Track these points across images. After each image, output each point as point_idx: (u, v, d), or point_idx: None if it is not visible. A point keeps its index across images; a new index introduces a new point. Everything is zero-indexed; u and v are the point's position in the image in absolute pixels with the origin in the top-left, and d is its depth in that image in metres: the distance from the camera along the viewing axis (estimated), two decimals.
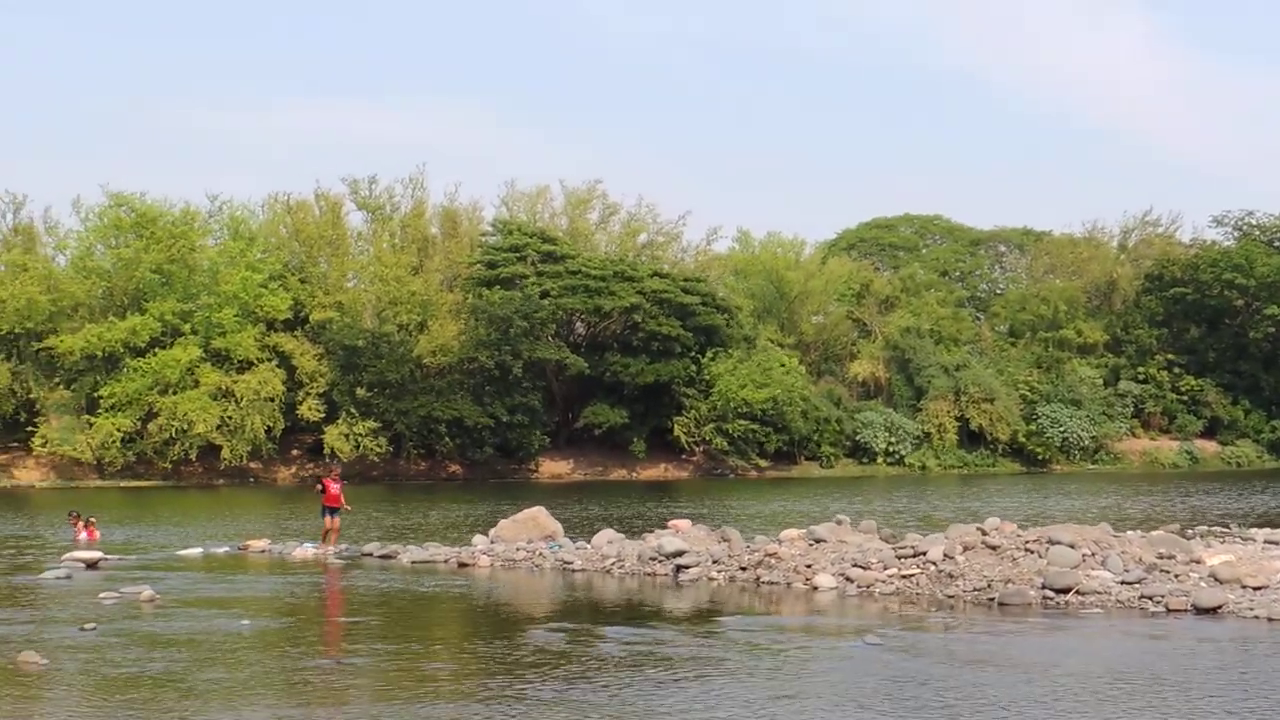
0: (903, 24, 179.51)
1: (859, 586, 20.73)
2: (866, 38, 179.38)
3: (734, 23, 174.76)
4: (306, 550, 28.07)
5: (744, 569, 22.42)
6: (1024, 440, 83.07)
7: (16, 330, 68.65)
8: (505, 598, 21.50)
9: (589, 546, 25.83)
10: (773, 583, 21.59)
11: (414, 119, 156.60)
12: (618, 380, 73.35)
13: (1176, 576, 20.02)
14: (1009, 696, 13.01)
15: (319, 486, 29.92)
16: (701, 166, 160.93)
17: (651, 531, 27.15)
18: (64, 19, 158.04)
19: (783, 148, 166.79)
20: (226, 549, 29.18)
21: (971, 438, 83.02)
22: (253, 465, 70.40)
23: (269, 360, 69.28)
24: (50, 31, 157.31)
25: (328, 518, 28.80)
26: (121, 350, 68.10)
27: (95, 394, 67.77)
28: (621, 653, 15.41)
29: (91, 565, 25.34)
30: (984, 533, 21.85)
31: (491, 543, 27.34)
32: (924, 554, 21.49)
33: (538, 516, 27.79)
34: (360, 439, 68.53)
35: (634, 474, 74.53)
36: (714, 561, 23.02)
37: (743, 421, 73.27)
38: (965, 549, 21.24)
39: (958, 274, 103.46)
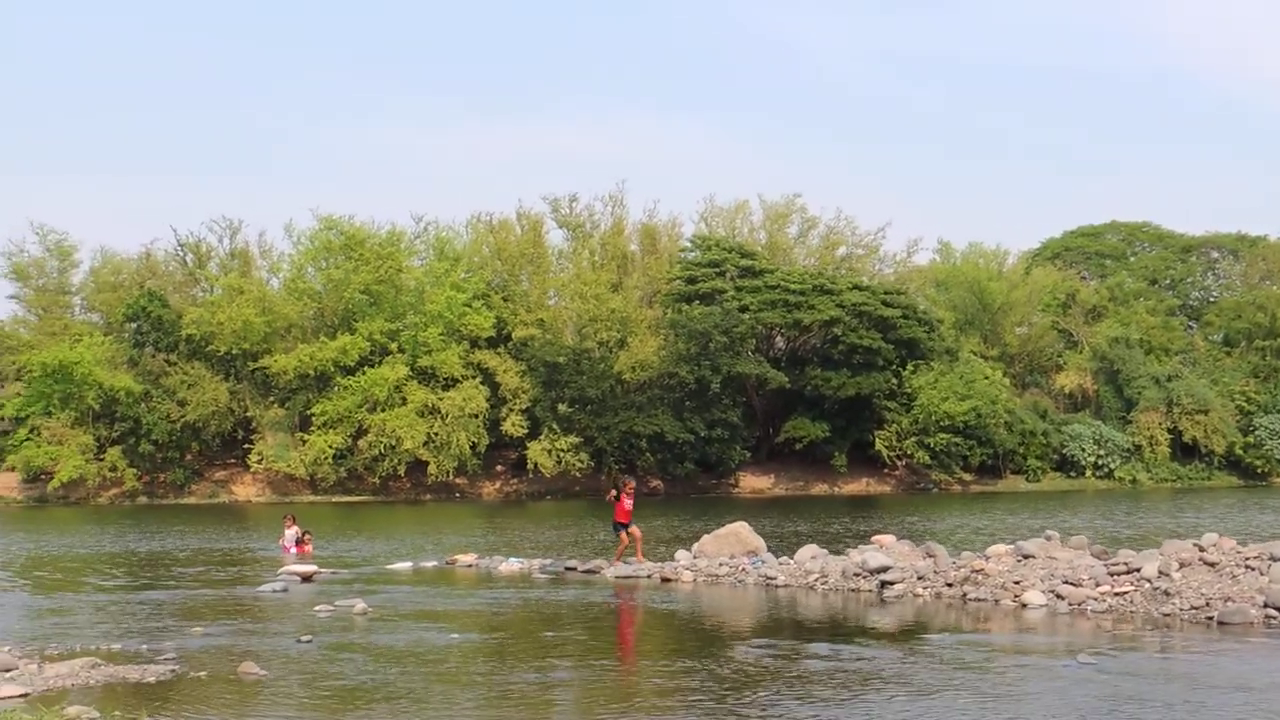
0: (1103, 25, 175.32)
1: (1069, 604, 20.17)
2: (1064, 41, 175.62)
3: (926, 34, 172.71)
4: (512, 565, 28.38)
5: (950, 585, 22.01)
6: (1241, 453, 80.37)
7: (234, 351, 71.05)
8: (708, 613, 21.45)
9: (792, 562, 25.65)
10: (980, 599, 21.15)
11: (614, 136, 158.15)
12: (818, 394, 72.95)
13: None
14: (1230, 718, 12.53)
15: (612, 494, 29.06)
16: (900, 178, 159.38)
17: (855, 547, 26.86)
18: (273, 48, 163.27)
19: (983, 157, 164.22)
20: (435, 563, 29.68)
21: (1185, 450, 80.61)
22: (458, 480, 71.70)
23: (473, 377, 70.54)
24: (258, 59, 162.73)
25: (622, 533, 28.32)
26: (332, 369, 70.01)
27: (308, 412, 69.81)
28: (827, 670, 15.26)
29: (307, 579, 26.02)
30: (1201, 548, 21.09)
31: (694, 558, 27.33)
32: (1138, 570, 20.80)
33: (740, 532, 27.69)
34: (562, 454, 69.37)
35: (835, 488, 73.98)
36: (919, 578, 22.65)
37: (945, 434, 72.28)
38: (1181, 565, 20.53)
39: (1168, 282, 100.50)
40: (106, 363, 70.33)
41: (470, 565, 29.14)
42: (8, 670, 15.07)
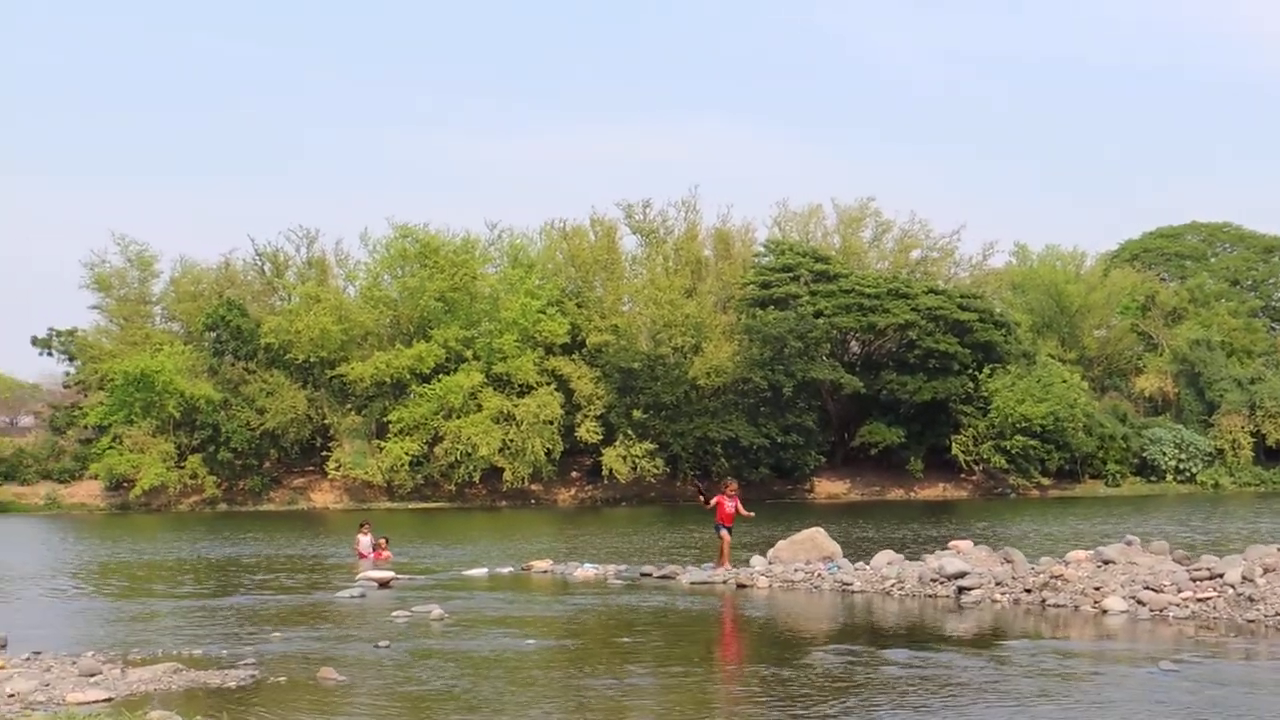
0: (1178, 24, 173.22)
1: (1151, 610, 19.92)
2: (1139, 39, 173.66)
3: (998, 33, 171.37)
4: (588, 570, 28.42)
5: (1028, 591, 21.80)
6: None
7: (311, 359, 71.73)
8: (784, 619, 21.38)
9: (868, 567, 25.51)
10: (1059, 605, 20.92)
11: (688, 141, 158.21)
12: (894, 398, 72.59)
13: None
14: None
15: (710, 504, 28.75)
16: (975, 180, 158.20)
17: (931, 552, 26.68)
18: (346, 59, 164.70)
19: (1060, 159, 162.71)
20: (510, 569, 29.78)
21: (1269, 454, 79.48)
22: (534, 487, 71.94)
23: (548, 384, 70.75)
24: (330, 71, 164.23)
25: (724, 533, 28.09)
26: (408, 376, 70.49)
27: (384, 419, 70.31)
28: (905, 676, 15.16)
29: (384, 585, 26.19)
30: None
31: (769, 563, 27.26)
32: (1220, 576, 20.49)
33: (816, 537, 27.59)
34: (637, 460, 69.43)
35: (911, 494, 73.55)
36: (997, 583, 22.46)
37: (1021, 438, 71.63)
38: (1266, 571, 20.20)
39: (1249, 283, 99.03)
40: (187, 371, 71.19)
41: (546, 571, 29.20)
42: (92, 675, 15.29)
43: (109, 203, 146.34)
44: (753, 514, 30.35)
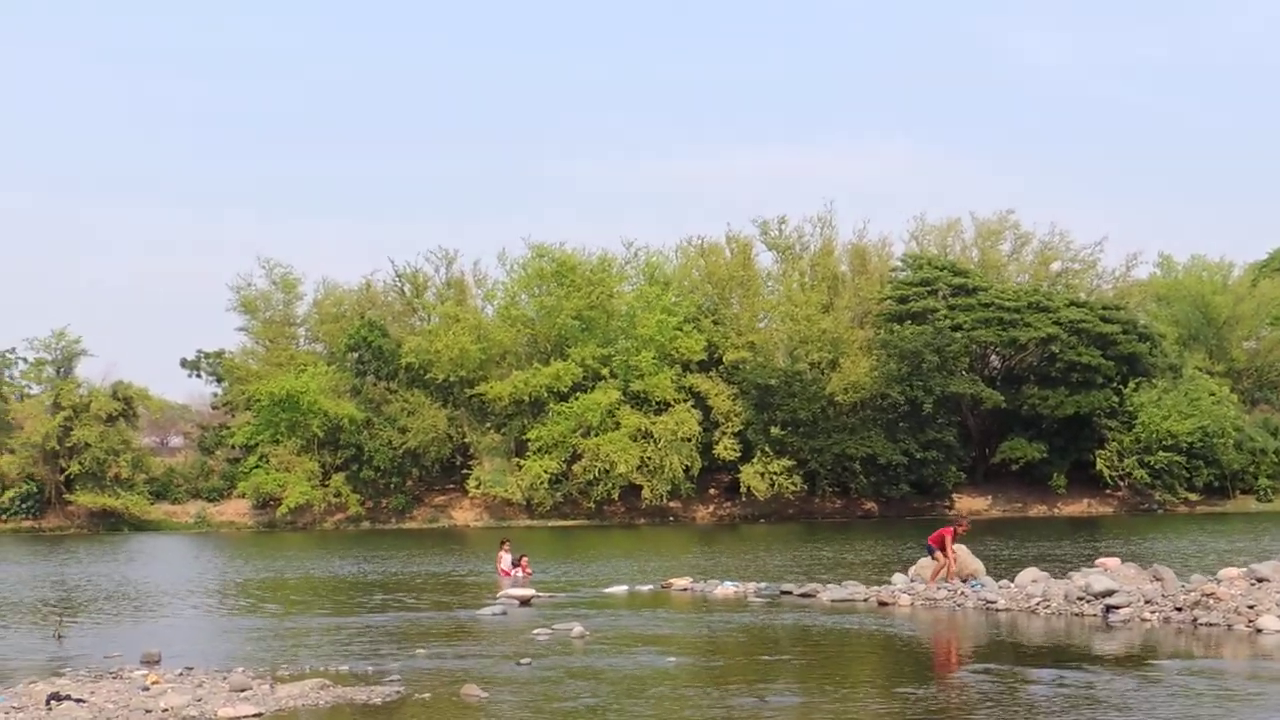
0: None
1: None
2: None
3: (1137, 40, 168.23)
4: (728, 588, 28.34)
5: (1179, 610, 21.28)
6: None
7: (451, 378, 72.59)
8: (927, 637, 21.13)
9: (1012, 585, 25.13)
10: (1211, 624, 20.39)
11: (823, 156, 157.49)
12: (1035, 413, 71.47)
13: None
14: None
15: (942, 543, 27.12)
16: (1117, 190, 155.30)
17: (1077, 570, 26.20)
18: (480, 84, 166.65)
19: (1204, 167, 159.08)
20: (650, 587, 29.80)
21: None
22: (672, 504, 71.97)
23: (685, 401, 70.79)
24: (469, 91, 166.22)
25: (939, 554, 27.05)
26: (546, 395, 70.97)
27: (523, 437, 70.85)
28: (1052, 696, 14.88)
29: (525, 602, 26.37)
30: None
31: (911, 581, 26.99)
32: None
33: (958, 554, 27.23)
34: (775, 477, 69.18)
35: (1054, 510, 72.33)
36: (1146, 601, 21.96)
37: (1167, 454, 70.03)
38: None
39: None
40: (330, 391, 72.45)
41: (685, 589, 29.18)
42: (242, 690, 15.58)
43: (254, 226, 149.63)
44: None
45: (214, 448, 78.33)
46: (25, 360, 76.10)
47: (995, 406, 71.68)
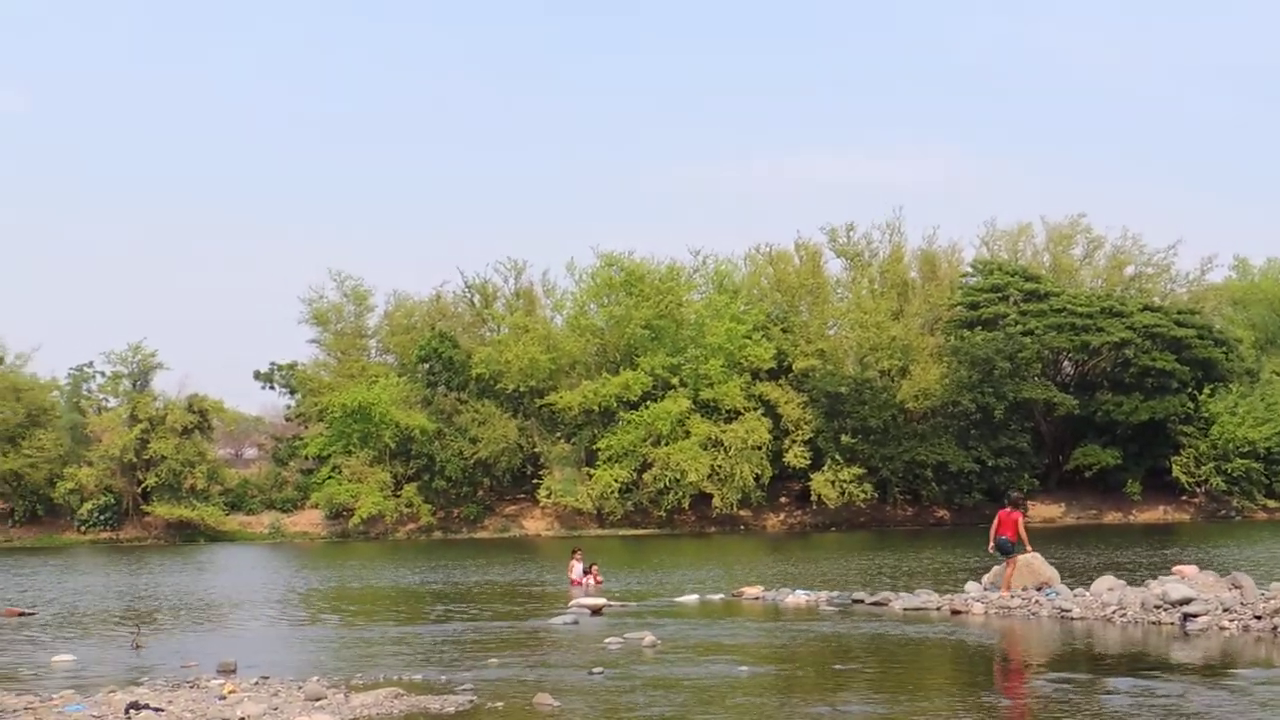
0: None
1: None
2: None
3: (1205, 39, 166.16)
4: (799, 597, 28.26)
5: (1259, 618, 20.97)
6: None
7: (521, 388, 72.86)
8: (1002, 646, 20.97)
9: (1087, 593, 24.89)
10: None
11: (891, 162, 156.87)
12: (1109, 419, 70.72)
13: None
14: None
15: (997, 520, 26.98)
16: (1189, 193, 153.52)
17: (1154, 577, 25.92)
18: (548, 91, 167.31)
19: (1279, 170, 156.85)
20: (721, 596, 29.77)
21: None
22: (742, 513, 71.83)
23: (755, 409, 70.68)
24: (539, 100, 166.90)
25: (1007, 559, 26.63)
26: (616, 404, 71.06)
27: (593, 447, 70.96)
28: (1130, 706, 14.72)
29: (596, 611, 26.41)
30: None
31: (985, 590, 26.80)
32: None
33: (1032, 562, 26.98)
34: (846, 485, 68.89)
35: (1129, 517, 71.53)
36: (1224, 610, 21.67)
37: (1243, 460, 69.06)
38: None
39: None
40: (402, 402, 72.91)
41: (757, 598, 29.13)
42: (318, 699, 15.72)
43: (325, 239, 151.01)
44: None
45: (287, 459, 79.03)
46: (103, 374, 77.12)
47: (1069, 413, 71.03)
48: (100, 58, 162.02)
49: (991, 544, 26.89)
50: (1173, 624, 21.75)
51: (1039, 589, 25.91)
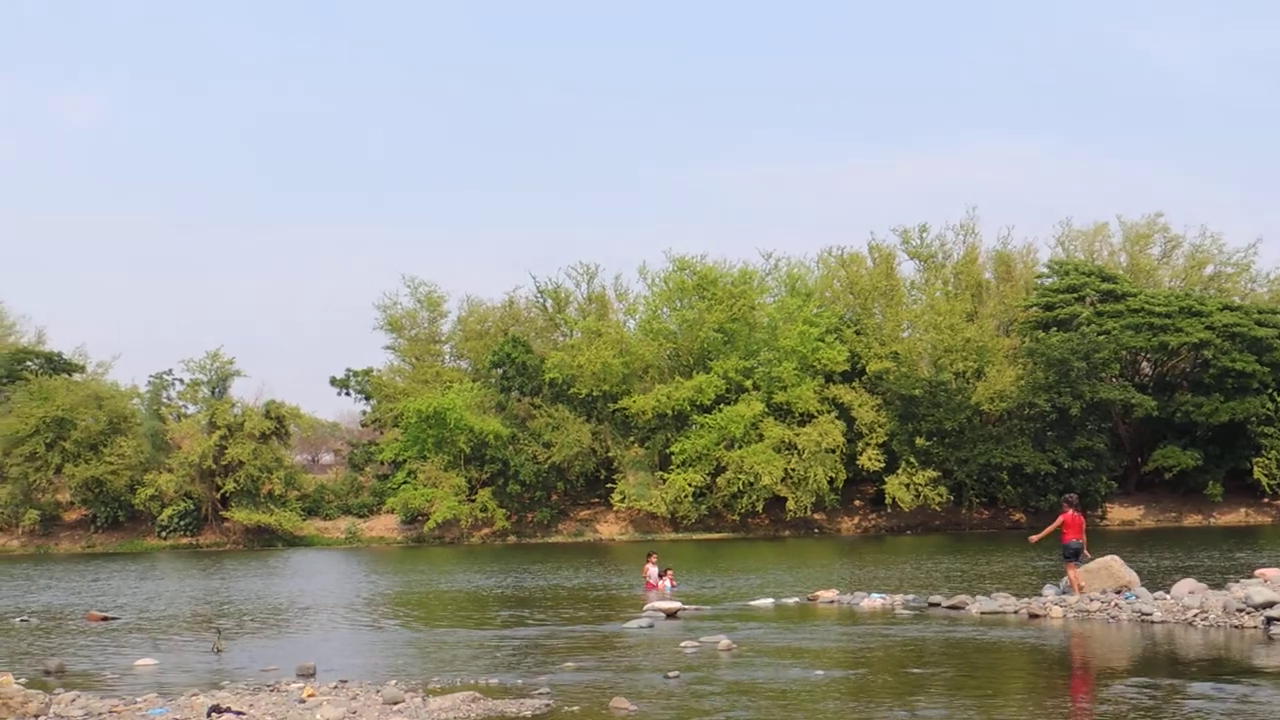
0: None
1: None
2: None
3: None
4: (875, 601, 28.12)
5: None
6: None
7: (594, 393, 73.02)
8: (1081, 650, 20.76)
9: (1168, 597, 24.60)
10: None
11: (964, 163, 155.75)
12: (1189, 420, 69.84)
13: None
14: None
15: (1059, 522, 26.91)
16: (1271, 192, 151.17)
17: (1236, 581, 25.57)
18: (622, 94, 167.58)
19: None
20: (796, 599, 29.68)
21: None
22: (816, 516, 71.63)
23: (828, 412, 70.47)
24: (609, 106, 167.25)
25: (1071, 564, 26.55)
26: (689, 408, 71.07)
27: (667, 450, 71.01)
28: (1213, 711, 14.53)
29: (671, 615, 26.42)
30: None
31: (1063, 593, 26.55)
32: None
33: (1111, 565, 26.71)
34: (920, 488, 68.51)
35: (1210, 519, 70.60)
36: None
37: None
38: None
39: None
40: (476, 407, 73.31)
41: (832, 601, 29.02)
42: (395, 703, 15.83)
43: (399, 245, 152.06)
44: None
45: (363, 464, 79.69)
46: (182, 381, 78.19)
47: (1147, 414, 70.22)
48: (178, 71, 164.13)
49: (1036, 537, 27.81)
50: (1256, 628, 21.46)
51: (1118, 592, 25.65)
